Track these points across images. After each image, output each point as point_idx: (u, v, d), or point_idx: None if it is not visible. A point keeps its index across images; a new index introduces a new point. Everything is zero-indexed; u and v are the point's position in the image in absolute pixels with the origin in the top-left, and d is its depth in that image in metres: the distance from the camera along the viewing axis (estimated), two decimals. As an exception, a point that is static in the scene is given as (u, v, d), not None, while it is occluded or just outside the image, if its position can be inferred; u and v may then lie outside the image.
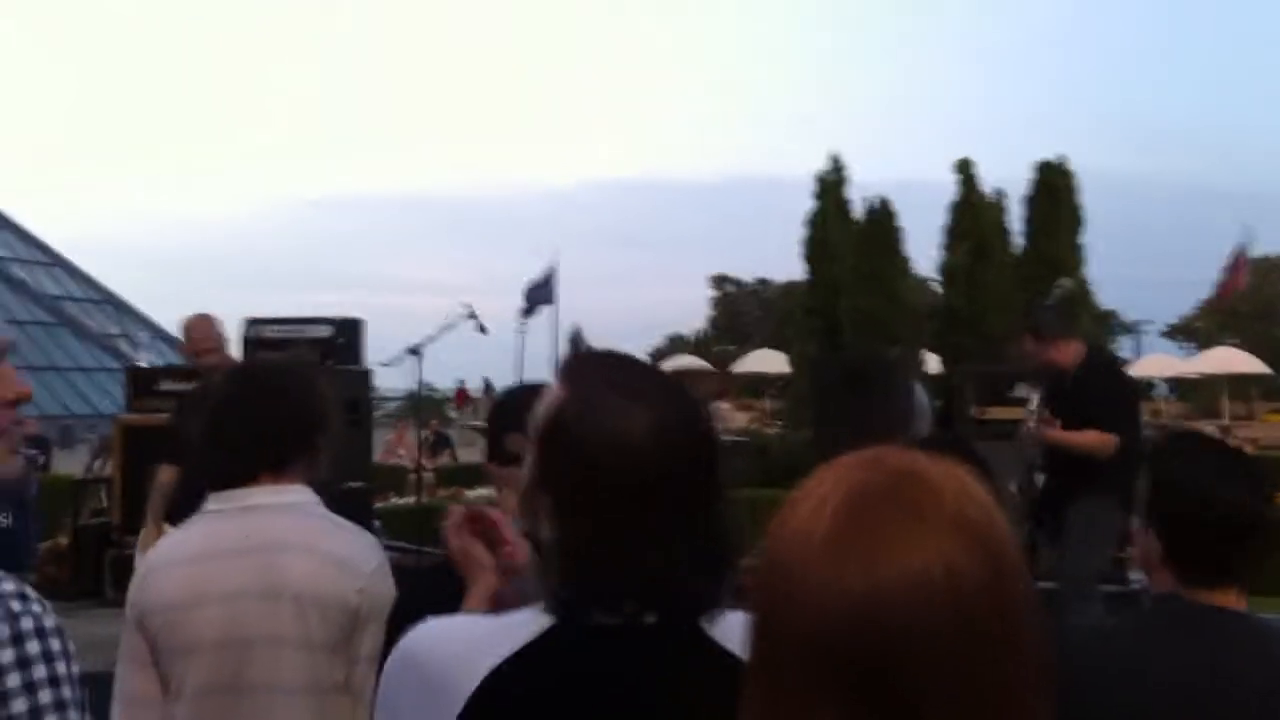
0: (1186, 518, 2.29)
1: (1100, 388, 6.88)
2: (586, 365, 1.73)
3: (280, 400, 2.87)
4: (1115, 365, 7.03)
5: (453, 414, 33.77)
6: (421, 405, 15.14)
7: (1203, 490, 2.27)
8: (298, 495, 2.88)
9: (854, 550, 1.07)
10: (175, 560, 2.82)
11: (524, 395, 2.93)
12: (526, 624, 1.60)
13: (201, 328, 6.84)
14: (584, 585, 1.58)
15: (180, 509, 5.02)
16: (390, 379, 14.58)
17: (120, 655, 2.81)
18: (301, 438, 2.89)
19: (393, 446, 21.77)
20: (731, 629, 1.56)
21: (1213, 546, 2.28)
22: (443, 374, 36.63)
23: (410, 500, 14.10)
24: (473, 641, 1.61)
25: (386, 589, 2.78)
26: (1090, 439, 6.72)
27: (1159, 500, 2.35)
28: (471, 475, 15.62)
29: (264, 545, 2.77)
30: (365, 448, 9.96)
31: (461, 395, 37.53)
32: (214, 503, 2.86)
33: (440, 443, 22.16)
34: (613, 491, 1.58)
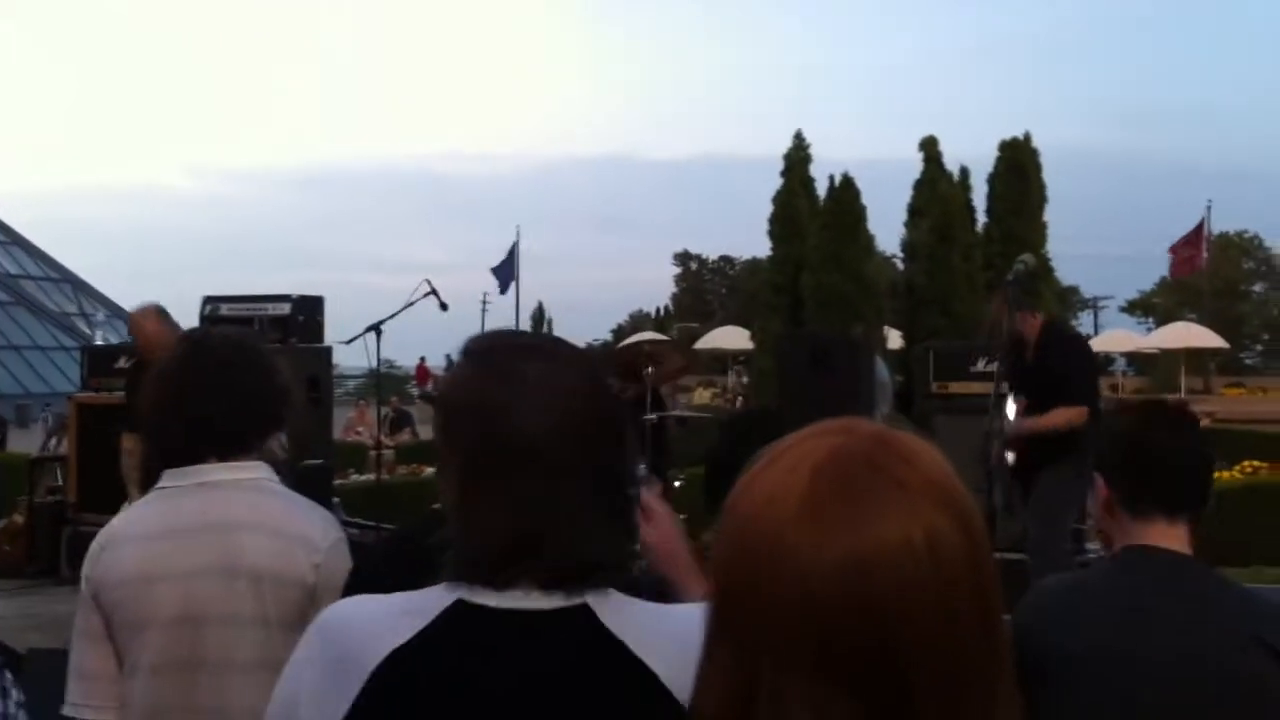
0: (1134, 458, 2.46)
1: (1063, 359, 6.91)
2: (484, 338, 1.72)
3: (239, 374, 2.81)
4: (1076, 336, 7.07)
5: (414, 391, 33.66)
6: (382, 382, 15.05)
7: (1141, 435, 2.47)
8: (255, 472, 2.83)
9: (835, 516, 1.06)
10: (131, 536, 2.77)
11: None
12: (431, 604, 1.59)
13: (151, 326, 6.72)
14: (472, 555, 1.57)
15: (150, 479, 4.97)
16: (351, 357, 14.51)
17: (75, 631, 2.77)
18: (260, 414, 2.85)
19: (353, 424, 21.72)
20: (626, 615, 1.57)
21: (1157, 482, 2.42)
22: (405, 351, 36.54)
23: (370, 477, 14.05)
24: (380, 621, 1.60)
25: (342, 565, 2.75)
26: (1062, 417, 6.75)
27: (1108, 448, 2.54)
28: (432, 453, 15.53)
29: (221, 523, 2.73)
30: (325, 425, 9.89)
31: (422, 371, 37.46)
32: (170, 479, 2.81)
33: (401, 420, 22.09)
34: (494, 458, 1.57)
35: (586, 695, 1.53)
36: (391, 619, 1.59)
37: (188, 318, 6.84)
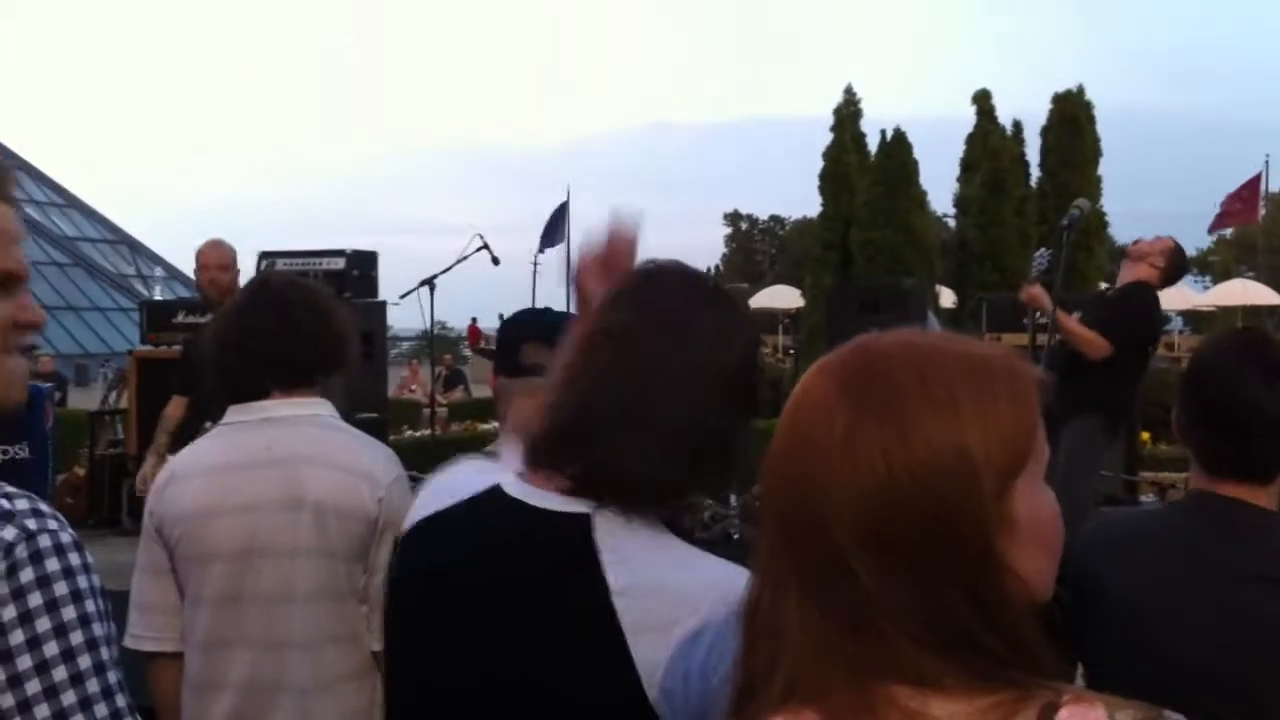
0: (1223, 416, 2.29)
1: (1130, 308, 6.79)
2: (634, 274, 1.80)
3: (300, 314, 2.86)
4: (1152, 299, 6.94)
5: (466, 352, 33.75)
6: (435, 343, 15.14)
7: (1240, 387, 2.27)
8: (318, 408, 2.88)
9: (851, 436, 1.12)
10: (195, 470, 2.82)
11: (539, 311, 2.94)
12: (480, 485, 1.72)
13: (215, 252, 6.76)
14: (528, 442, 1.67)
15: (184, 437, 5.03)
16: (404, 319, 14.59)
17: (137, 564, 2.84)
18: (321, 351, 2.90)
19: (407, 382, 21.84)
20: (623, 539, 1.57)
21: (1245, 445, 2.27)
22: (456, 314, 36.60)
23: (424, 433, 14.16)
24: (437, 493, 1.81)
25: (405, 500, 2.78)
26: (1084, 332, 6.60)
27: (1196, 398, 2.36)
28: (485, 409, 15.65)
29: (285, 457, 2.78)
30: (380, 380, 9.97)
31: (474, 332, 37.53)
32: (234, 414, 2.86)
33: (454, 378, 22.21)
34: (579, 354, 1.66)
35: (533, 587, 1.59)
36: (445, 493, 1.78)
37: (244, 273, 6.83)
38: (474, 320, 38.32)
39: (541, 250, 24.48)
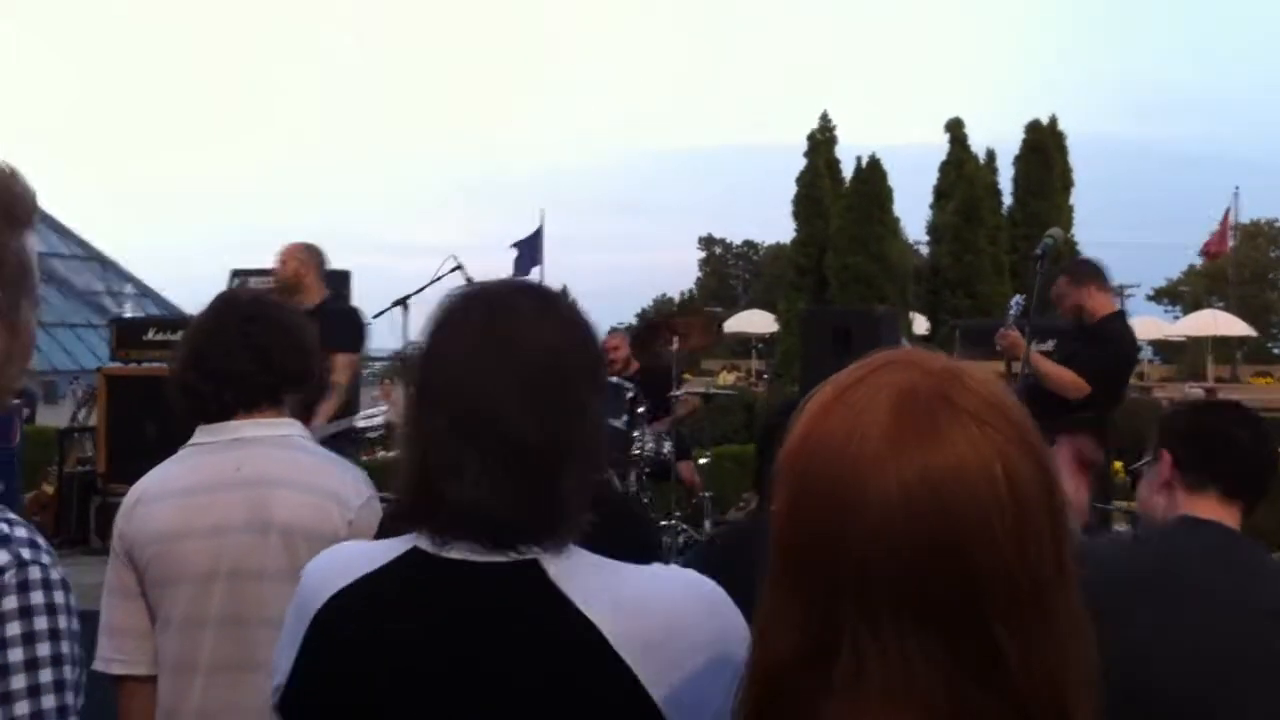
0: (1202, 436, 2.48)
1: (1109, 343, 6.81)
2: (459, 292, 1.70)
3: (267, 331, 2.83)
4: (1131, 335, 6.96)
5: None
6: (407, 364, 15.06)
7: (1213, 415, 2.53)
8: (287, 428, 2.86)
9: (914, 450, 1.07)
10: (164, 493, 2.79)
11: None
12: (390, 551, 1.61)
13: (282, 248, 6.99)
14: (410, 507, 1.59)
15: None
16: (377, 340, 14.50)
17: (106, 587, 2.80)
18: (289, 370, 2.87)
19: (378, 402, 21.71)
20: (578, 572, 1.54)
21: (1223, 462, 2.44)
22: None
23: (395, 454, 14.07)
24: (336, 567, 1.64)
25: (374, 521, 2.77)
26: (1063, 373, 6.60)
27: (1175, 424, 2.55)
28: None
29: (253, 479, 2.75)
30: (354, 400, 9.90)
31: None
32: (202, 435, 2.83)
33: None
34: (435, 411, 1.57)
35: (520, 640, 1.52)
36: (348, 563, 1.63)
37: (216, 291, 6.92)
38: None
39: (525, 273, 24.49)
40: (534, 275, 24.12)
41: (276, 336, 2.84)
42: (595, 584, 1.54)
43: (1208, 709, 2.20)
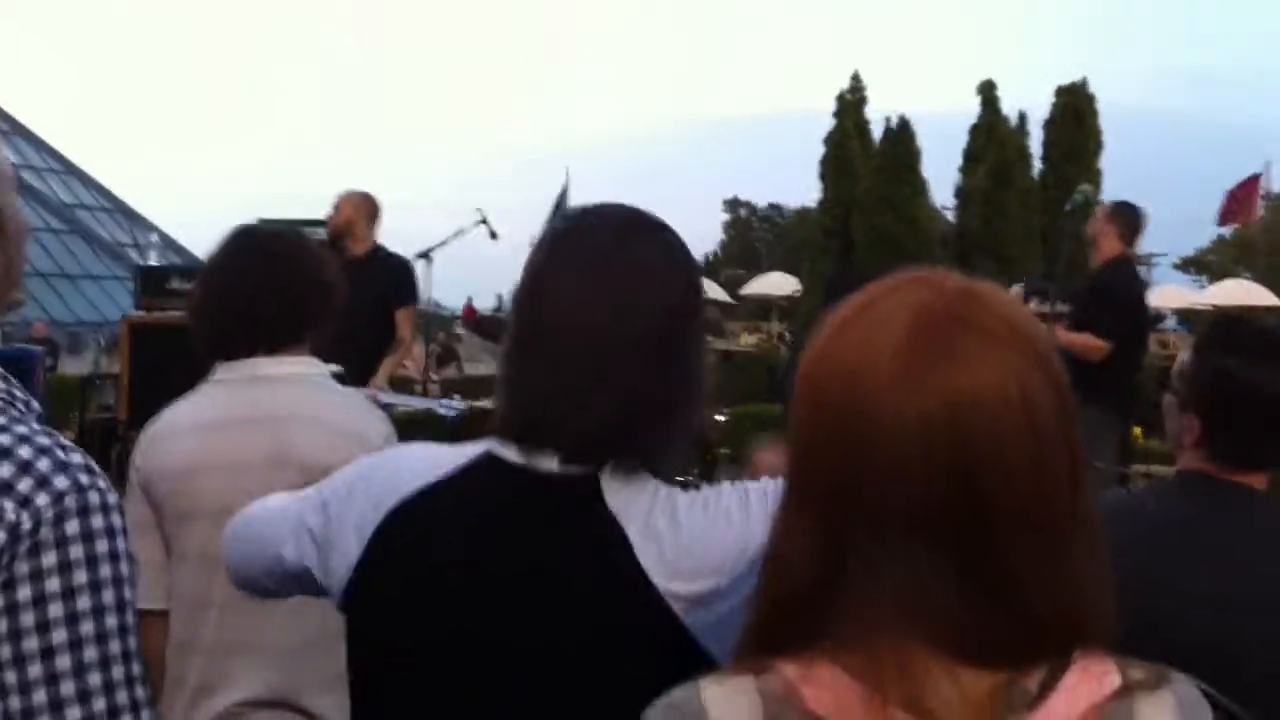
0: (1232, 403, 2.28)
1: (1115, 297, 6.77)
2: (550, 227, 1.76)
3: (287, 268, 2.80)
4: (1137, 281, 6.92)
5: (460, 330, 33.72)
6: (430, 321, 15.10)
7: (1250, 378, 2.27)
8: (307, 367, 2.83)
9: (929, 369, 1.06)
10: (182, 428, 2.77)
11: None
12: (466, 455, 1.68)
13: (348, 207, 7.04)
14: (508, 415, 1.65)
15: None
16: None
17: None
18: (310, 307, 2.83)
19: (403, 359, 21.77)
20: (633, 492, 1.59)
21: (1253, 432, 2.29)
22: (451, 294, 36.60)
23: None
24: (415, 467, 1.70)
25: (395, 462, 2.73)
26: (1079, 340, 6.60)
27: (1203, 383, 2.34)
28: (478, 386, 15.60)
29: (272, 415, 2.73)
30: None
31: (469, 311, 37.48)
32: (222, 372, 2.80)
33: (447, 355, 22.17)
34: (538, 336, 1.64)
35: (551, 544, 1.58)
36: (427, 465, 1.69)
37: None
38: (469, 299, 38.27)
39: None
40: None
41: (297, 273, 2.81)
42: (647, 505, 1.58)
43: (1215, 644, 2.16)
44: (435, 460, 1.70)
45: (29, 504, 1.31)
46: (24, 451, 1.35)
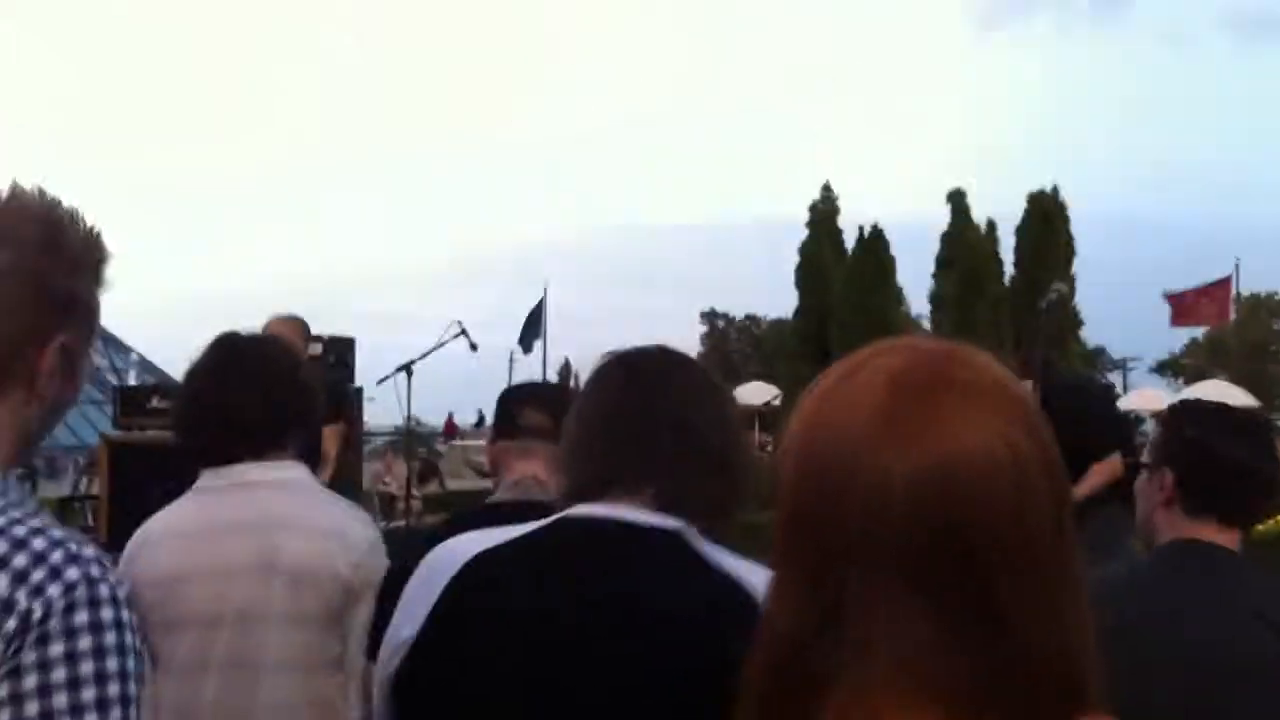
0: (1203, 460, 2.44)
1: (1076, 414, 6.73)
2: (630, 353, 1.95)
3: (270, 374, 2.81)
4: (1079, 385, 6.88)
5: (440, 447, 33.63)
6: (411, 434, 15.09)
7: (1218, 445, 2.44)
8: (292, 471, 2.83)
9: (915, 426, 1.07)
10: (168, 534, 2.76)
11: (536, 382, 3.02)
12: (529, 525, 1.76)
13: (277, 325, 6.95)
14: (580, 480, 1.78)
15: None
16: (378, 415, 14.53)
17: None
18: (295, 413, 2.85)
19: (380, 474, 21.70)
20: (715, 550, 1.71)
21: (1224, 486, 2.42)
22: (431, 410, 36.53)
23: (399, 524, 14.03)
24: (485, 538, 1.76)
25: (381, 563, 2.74)
26: (1099, 476, 6.42)
27: (1176, 445, 2.50)
28: (459, 501, 15.55)
29: (258, 522, 2.72)
30: (357, 466, 9.87)
31: (450, 426, 37.43)
32: (207, 479, 2.80)
33: (429, 471, 22.10)
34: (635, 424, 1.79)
35: (681, 591, 1.64)
36: (484, 538, 1.76)
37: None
38: (450, 415, 38.23)
39: (527, 350, 24.56)
40: (536, 349, 24.14)
41: (279, 378, 2.83)
42: (732, 560, 1.70)
43: (1201, 708, 2.23)
44: (491, 534, 1.77)
45: (41, 593, 1.32)
46: (38, 543, 1.36)
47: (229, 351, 2.87)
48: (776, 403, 20.13)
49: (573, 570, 1.68)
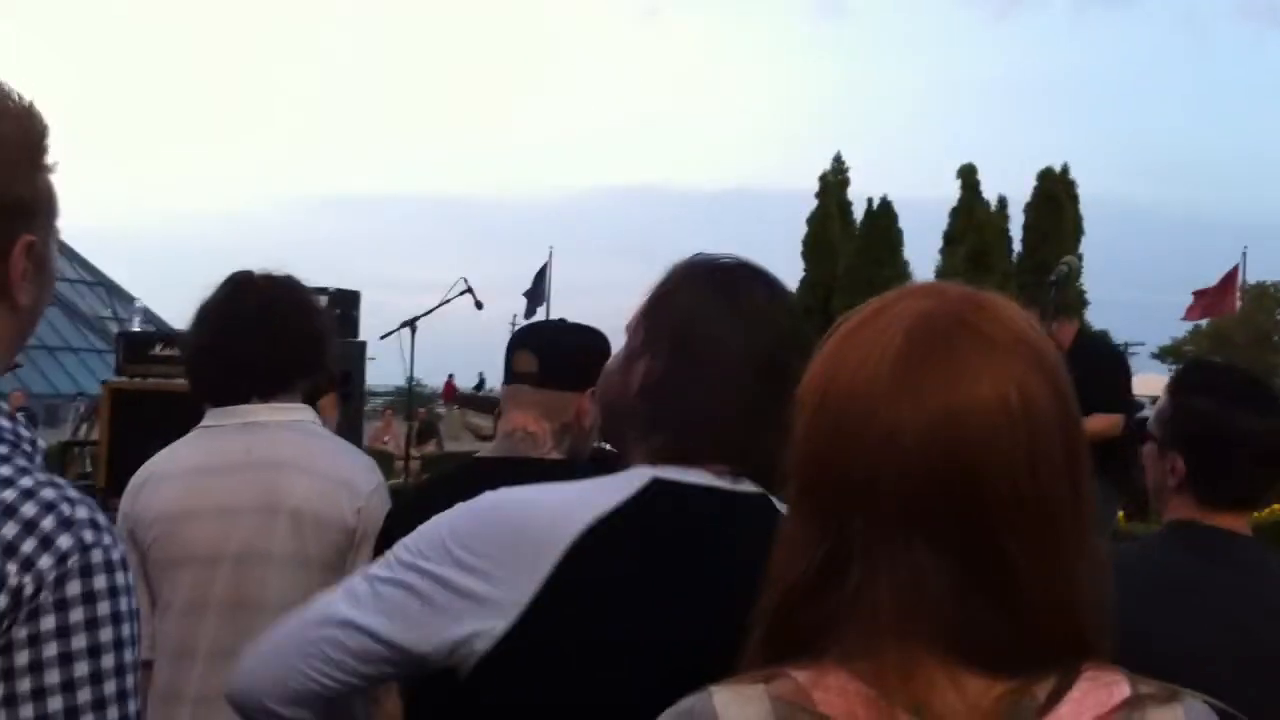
0: (1214, 443, 2.30)
1: (1097, 368, 6.74)
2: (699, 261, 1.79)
3: (281, 315, 2.79)
4: (1108, 345, 6.90)
5: (440, 409, 33.63)
6: (411, 395, 15.09)
7: (1231, 419, 2.29)
8: (299, 414, 2.82)
9: (928, 373, 1.07)
10: (172, 473, 2.75)
11: (541, 322, 2.96)
12: (627, 484, 1.63)
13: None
14: (680, 440, 1.65)
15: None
16: (379, 375, 14.52)
17: None
18: (303, 354, 2.83)
19: (380, 433, 21.70)
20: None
21: (1237, 471, 2.30)
22: (433, 372, 36.55)
23: (398, 482, 14.05)
24: (570, 500, 1.62)
25: (384, 510, 2.73)
26: (1097, 424, 6.55)
27: (1186, 425, 2.35)
28: (458, 463, 15.57)
29: (264, 461, 2.71)
30: (357, 422, 9.85)
31: (450, 389, 37.42)
32: (212, 418, 2.79)
33: (428, 430, 22.09)
34: (711, 357, 1.67)
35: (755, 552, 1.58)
36: (584, 496, 1.62)
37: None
38: (450, 377, 38.24)
39: (531, 314, 24.60)
40: (539, 314, 24.16)
41: (292, 320, 2.81)
42: None
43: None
44: (583, 491, 1.64)
45: (31, 567, 1.28)
46: (28, 509, 1.31)
47: (240, 291, 2.85)
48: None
49: (694, 548, 1.59)
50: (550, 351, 2.59)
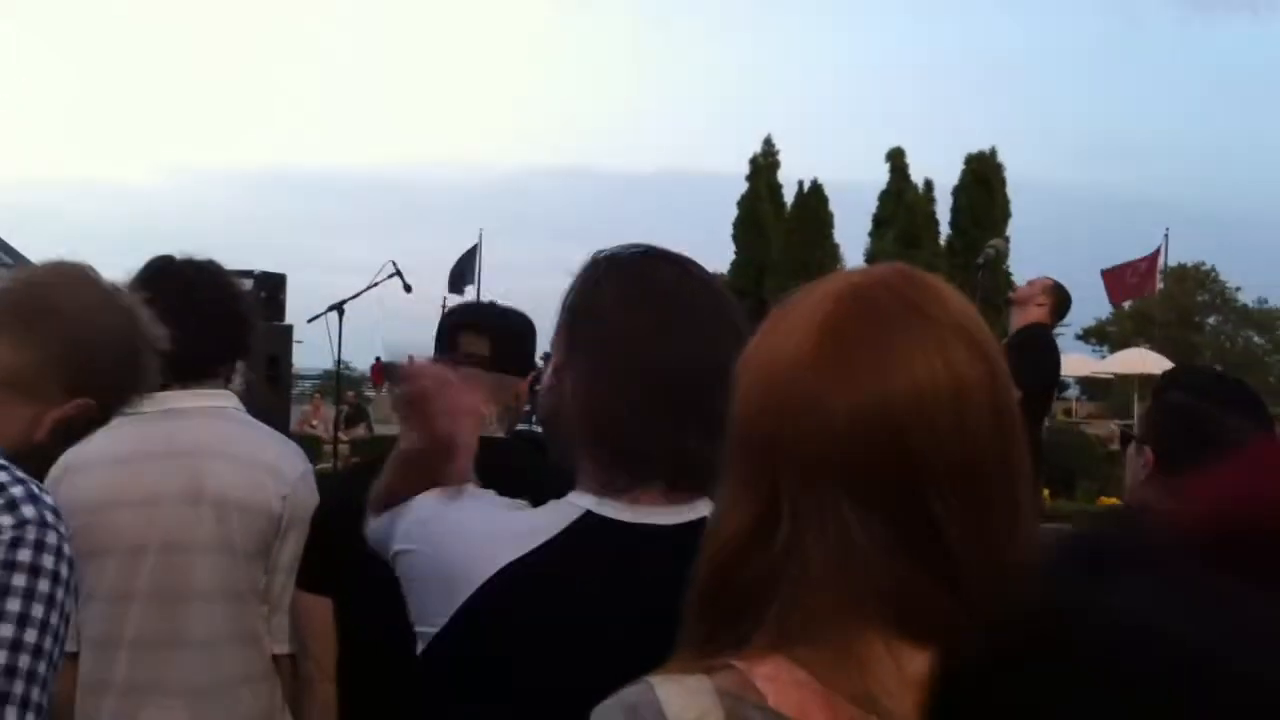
0: (1184, 435, 2.37)
1: (1029, 352, 6.80)
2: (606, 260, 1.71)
3: (203, 300, 2.73)
4: (1052, 342, 6.98)
5: (369, 392, 33.42)
6: (339, 378, 14.99)
7: (1205, 413, 2.37)
8: (222, 400, 2.77)
9: (858, 344, 1.08)
10: (94, 462, 2.69)
11: (478, 303, 2.88)
12: (557, 520, 1.59)
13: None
14: (616, 459, 1.59)
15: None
16: (307, 357, 14.35)
17: None
18: (225, 340, 2.79)
19: (308, 417, 21.54)
20: None
21: (1204, 466, 2.30)
22: (360, 354, 36.24)
23: (326, 467, 13.94)
24: (497, 537, 1.58)
25: (310, 497, 2.71)
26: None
27: (1160, 418, 2.47)
28: (386, 446, 15.48)
29: (187, 449, 2.67)
30: (284, 406, 9.74)
31: (378, 372, 37.16)
32: (132, 406, 2.73)
33: (356, 415, 21.97)
34: (641, 370, 1.59)
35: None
36: (513, 529, 1.59)
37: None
38: (378, 359, 37.93)
39: (451, 293, 24.40)
40: (468, 294, 24.01)
41: (214, 306, 2.75)
42: None
43: None
44: (513, 527, 1.61)
45: None
46: (1, 475, 1.38)
47: (163, 278, 2.78)
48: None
49: (614, 593, 1.54)
50: (502, 336, 2.57)
